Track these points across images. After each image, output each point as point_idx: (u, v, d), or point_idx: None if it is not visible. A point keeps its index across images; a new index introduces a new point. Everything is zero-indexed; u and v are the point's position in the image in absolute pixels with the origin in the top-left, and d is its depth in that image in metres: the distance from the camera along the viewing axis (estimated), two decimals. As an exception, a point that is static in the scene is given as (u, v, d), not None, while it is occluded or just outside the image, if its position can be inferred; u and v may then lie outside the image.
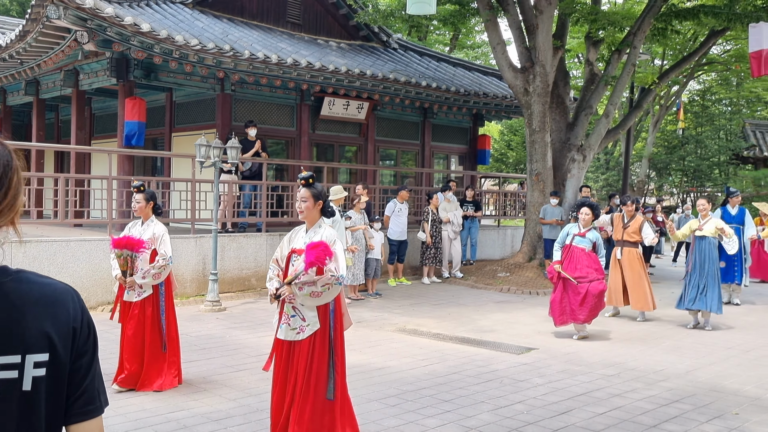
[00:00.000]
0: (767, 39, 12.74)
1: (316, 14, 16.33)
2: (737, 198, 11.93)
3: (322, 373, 4.16)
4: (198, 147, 9.91)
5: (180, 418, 5.16)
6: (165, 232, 6.02)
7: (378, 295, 11.51)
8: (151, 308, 5.98)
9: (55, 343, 1.47)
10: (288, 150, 14.54)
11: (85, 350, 1.54)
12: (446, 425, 5.14)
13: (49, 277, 1.55)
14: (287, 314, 4.23)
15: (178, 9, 13.35)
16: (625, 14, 15.26)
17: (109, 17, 10.04)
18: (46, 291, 1.50)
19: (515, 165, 34.60)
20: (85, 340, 1.54)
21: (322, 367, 4.16)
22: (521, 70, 14.04)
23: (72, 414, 1.52)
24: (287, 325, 4.24)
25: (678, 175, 31.21)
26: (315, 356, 4.15)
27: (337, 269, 4.08)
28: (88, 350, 1.54)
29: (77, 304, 1.55)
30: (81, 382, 1.52)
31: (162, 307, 6.03)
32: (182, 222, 12.03)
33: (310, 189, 4.32)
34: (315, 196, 4.32)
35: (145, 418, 5.14)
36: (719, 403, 5.87)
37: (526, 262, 14.22)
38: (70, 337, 1.50)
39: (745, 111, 34.43)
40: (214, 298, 9.92)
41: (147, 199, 6.06)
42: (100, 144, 15.76)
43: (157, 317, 5.99)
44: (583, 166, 15.06)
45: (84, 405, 1.53)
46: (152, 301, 5.99)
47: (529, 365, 7.05)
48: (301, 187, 4.34)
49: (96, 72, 12.65)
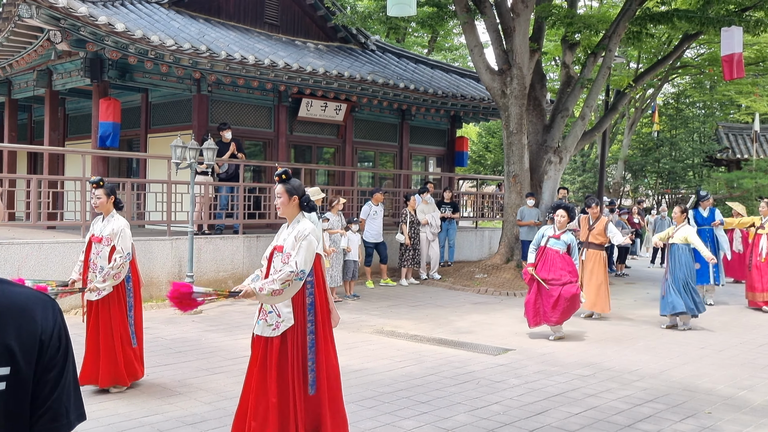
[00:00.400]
0: (738, 43, 12.96)
1: (294, 15, 16.28)
2: (708, 201, 12.14)
3: (297, 369, 4.13)
4: (174, 148, 9.82)
5: (154, 422, 5.10)
6: (125, 227, 5.90)
7: (355, 297, 11.49)
8: (116, 305, 5.89)
9: (17, 357, 1.38)
10: (265, 151, 14.47)
11: (53, 364, 1.44)
12: (423, 427, 5.14)
13: (23, 286, 1.46)
14: (265, 310, 4.21)
15: (154, 9, 13.22)
16: (601, 18, 15.40)
17: (82, 17, 9.91)
18: (15, 300, 1.41)
19: (493, 167, 34.80)
20: (54, 353, 1.45)
21: (296, 363, 4.13)
22: (499, 73, 14.12)
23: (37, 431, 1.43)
24: (264, 321, 4.22)
25: (653, 177, 31.59)
26: (289, 352, 4.12)
27: (298, 264, 4.04)
28: (56, 364, 1.45)
29: (49, 314, 1.45)
30: (47, 398, 1.43)
31: (130, 303, 5.97)
32: (158, 224, 11.91)
33: (284, 185, 4.31)
34: (289, 192, 4.30)
35: (118, 423, 5.07)
36: (692, 402, 5.94)
37: (503, 263, 14.29)
38: (35, 350, 1.41)
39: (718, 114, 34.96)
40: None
41: (107, 194, 5.97)
42: (74, 145, 15.55)
43: (121, 314, 5.90)
44: (560, 167, 15.18)
45: (49, 422, 1.43)
46: (116, 297, 5.90)
47: (506, 366, 7.07)
48: (277, 184, 4.35)
49: (70, 72, 12.49)
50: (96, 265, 5.90)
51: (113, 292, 5.89)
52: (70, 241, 9.84)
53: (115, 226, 5.92)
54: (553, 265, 8.29)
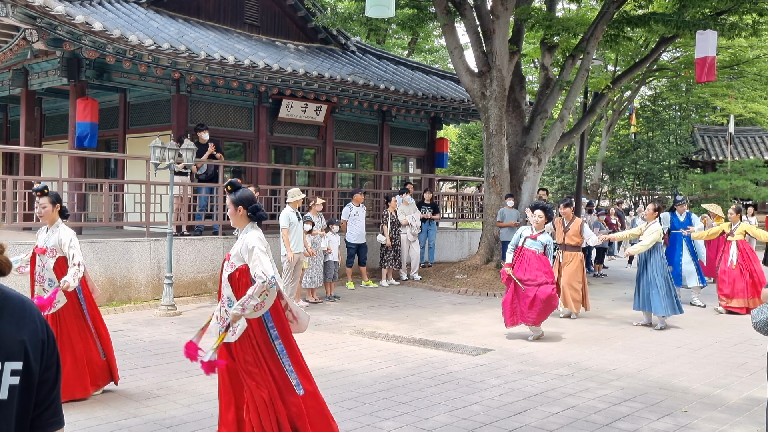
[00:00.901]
0: (712, 46, 13.15)
1: (274, 16, 16.23)
2: (683, 206, 12.31)
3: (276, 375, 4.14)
4: (152, 149, 9.74)
5: (132, 426, 5.06)
6: (72, 237, 5.58)
7: (336, 298, 11.48)
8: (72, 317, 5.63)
9: (29, 353, 1.48)
10: (246, 152, 14.41)
11: (51, 363, 1.55)
12: (403, 427, 5.15)
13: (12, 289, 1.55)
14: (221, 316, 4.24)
15: (132, 8, 13.10)
16: (579, 20, 15.55)
17: (59, 15, 9.80)
18: (17, 301, 1.51)
19: (473, 168, 34.95)
20: (51, 353, 1.55)
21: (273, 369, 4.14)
22: (478, 74, 14.19)
23: (38, 426, 1.52)
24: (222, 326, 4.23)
25: (630, 179, 31.94)
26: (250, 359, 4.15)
27: (265, 272, 4.05)
28: (53, 364, 1.56)
29: (41, 317, 1.56)
30: (48, 393, 1.53)
31: (86, 315, 5.72)
32: (136, 225, 11.80)
33: (230, 195, 4.38)
34: (234, 203, 4.36)
35: (95, 426, 5.02)
36: (669, 401, 6.02)
37: (483, 264, 14.36)
38: (39, 349, 1.51)
39: (694, 116, 35.46)
40: (169, 302, 9.76)
41: (52, 202, 5.62)
42: (50, 145, 15.36)
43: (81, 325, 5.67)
44: (539, 169, 15.29)
45: (50, 417, 1.54)
46: (70, 310, 5.61)
47: (486, 366, 7.11)
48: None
49: (46, 71, 12.34)
50: (43, 278, 5.57)
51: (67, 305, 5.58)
52: (47, 242, 9.70)
53: (62, 237, 5.57)
54: (530, 266, 8.34)
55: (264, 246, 4.22)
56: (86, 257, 10.00)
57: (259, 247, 4.16)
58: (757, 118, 27.14)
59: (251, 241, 4.19)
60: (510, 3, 13.69)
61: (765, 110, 26.32)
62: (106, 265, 10.27)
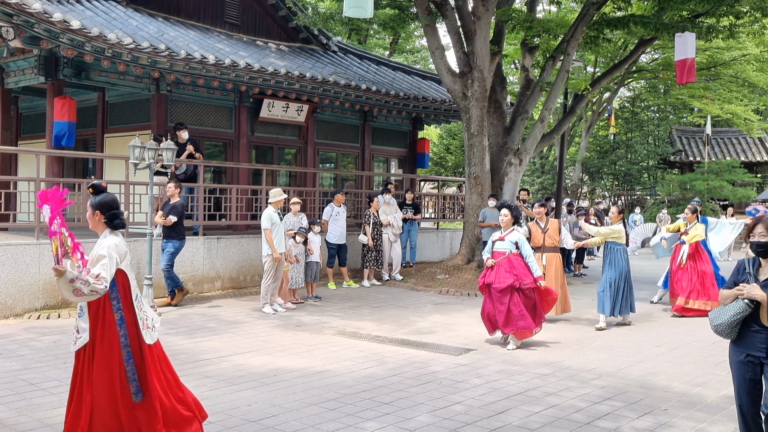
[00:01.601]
0: (691, 48, 13.30)
1: (255, 15, 16.15)
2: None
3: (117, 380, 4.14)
4: (132, 148, 9.64)
5: (112, 428, 4.99)
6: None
7: (317, 299, 11.45)
8: None
9: None
10: (226, 152, 14.31)
11: None
12: (386, 428, 5.15)
13: None
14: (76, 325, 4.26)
15: (111, 6, 12.96)
16: (559, 22, 15.65)
17: (36, 13, 9.66)
18: None
19: (454, 168, 35.07)
20: None
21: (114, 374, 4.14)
22: (460, 75, 14.23)
23: None
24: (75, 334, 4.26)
25: (609, 179, 32.24)
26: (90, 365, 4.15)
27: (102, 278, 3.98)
28: None
29: None
30: None
31: None
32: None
33: (90, 198, 4.33)
34: (92, 207, 4.31)
35: (74, 429, 4.95)
36: (649, 399, 6.08)
37: (464, 264, 14.40)
38: None
39: (671, 117, 35.89)
40: (149, 303, 9.67)
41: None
42: (27, 145, 15.15)
43: None
44: (520, 169, 15.37)
45: None
46: None
47: (468, 366, 7.13)
48: None
49: (23, 70, 12.16)
50: None
51: None
52: (23, 243, 9.58)
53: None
54: (499, 269, 8.01)
55: (118, 253, 4.15)
56: (64, 258, 9.88)
57: (110, 255, 4.09)
58: (734, 120, 27.51)
59: (101, 250, 4.12)
60: (491, 4, 13.75)
61: (741, 111, 26.68)
62: (85, 266, 10.13)
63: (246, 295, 11.72)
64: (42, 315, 9.33)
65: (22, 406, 5.48)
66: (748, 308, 4.12)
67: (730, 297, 4.20)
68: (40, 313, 9.37)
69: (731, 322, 4.17)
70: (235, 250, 12.24)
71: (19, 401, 5.60)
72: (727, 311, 4.18)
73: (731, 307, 4.18)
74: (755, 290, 4.08)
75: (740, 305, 4.13)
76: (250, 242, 12.45)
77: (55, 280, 3.95)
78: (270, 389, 6.11)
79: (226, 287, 12.10)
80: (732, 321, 4.17)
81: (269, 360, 7.21)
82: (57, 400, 5.65)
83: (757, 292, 4.07)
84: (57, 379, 6.30)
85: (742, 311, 4.12)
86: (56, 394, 5.81)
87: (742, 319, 4.15)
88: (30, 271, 9.52)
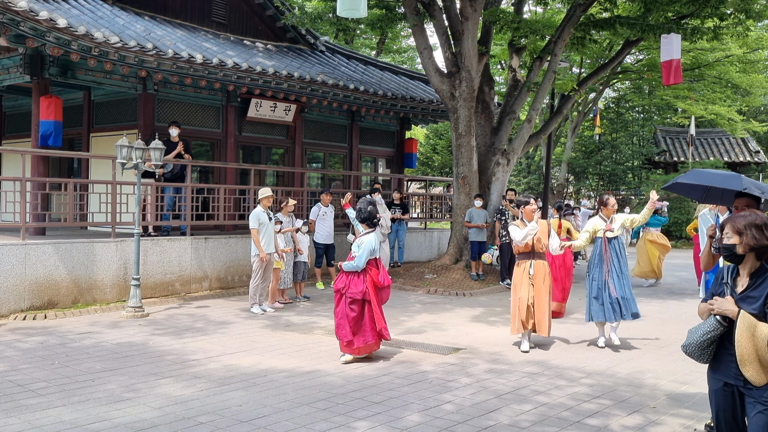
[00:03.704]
0: (677, 49, 13.41)
1: (242, 14, 16.09)
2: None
3: None
4: (119, 148, 9.58)
5: (101, 429, 4.96)
6: None
7: (306, 299, 11.43)
8: None
9: None
10: (214, 152, 14.25)
11: None
12: (377, 427, 5.16)
13: None
14: None
15: (97, 5, 12.87)
16: (546, 23, 15.73)
17: (22, 11, 9.57)
18: None
19: (440, 168, 35.11)
20: None
21: None
22: (448, 75, 14.27)
23: None
24: None
25: (595, 179, 32.41)
26: None
27: None
28: None
29: None
30: None
31: None
32: (101, 225, 11.59)
33: None
34: None
35: (63, 431, 4.92)
36: (637, 397, 6.13)
37: (452, 263, 14.43)
38: None
39: (656, 118, 36.14)
40: (137, 303, 9.61)
41: None
42: (11, 144, 15.00)
43: None
44: (507, 169, 15.43)
45: None
46: None
47: (457, 365, 7.15)
48: None
49: (8, 68, 12.03)
50: None
51: None
52: (8, 243, 9.48)
53: None
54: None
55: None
56: (50, 258, 9.81)
57: None
58: (718, 120, 27.78)
59: None
60: (479, 5, 13.79)
61: (725, 112, 26.94)
62: (71, 266, 10.07)
63: (234, 296, 11.69)
64: (28, 316, 9.24)
65: (10, 407, 5.44)
66: (720, 326, 3.48)
67: (705, 312, 3.61)
68: (26, 314, 9.29)
69: (701, 342, 3.55)
70: (222, 250, 12.20)
71: (6, 402, 5.55)
72: (699, 329, 3.58)
73: (703, 324, 3.57)
74: (726, 305, 3.45)
75: (711, 323, 3.52)
76: (237, 242, 12.41)
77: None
78: (260, 389, 6.10)
79: (214, 287, 12.05)
80: (701, 341, 3.54)
81: (259, 360, 7.19)
82: (45, 401, 5.60)
83: (728, 306, 3.44)
84: (45, 380, 6.25)
85: (713, 329, 3.50)
86: (44, 395, 5.77)
87: (714, 339, 3.52)
88: (15, 271, 9.43)
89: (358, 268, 7.20)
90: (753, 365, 3.35)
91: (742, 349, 3.35)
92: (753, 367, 3.35)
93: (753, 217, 3.49)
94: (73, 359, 7.06)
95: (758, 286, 3.43)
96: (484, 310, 10.87)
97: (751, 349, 3.33)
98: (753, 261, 3.49)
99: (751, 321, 3.35)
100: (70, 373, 6.52)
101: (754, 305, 3.39)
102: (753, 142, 30.75)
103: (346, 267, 7.25)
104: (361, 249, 7.23)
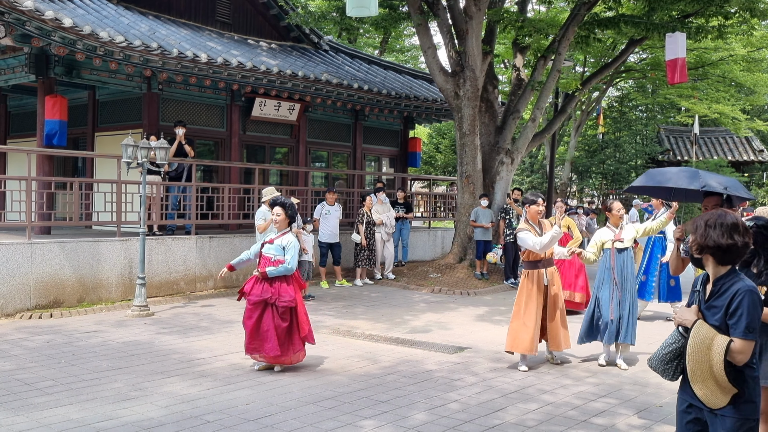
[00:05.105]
0: (682, 48, 13.40)
1: (247, 14, 16.11)
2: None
3: None
4: (125, 147, 9.60)
5: (109, 428, 4.98)
6: None
7: (311, 298, 11.44)
8: None
9: None
10: (218, 151, 14.27)
11: None
12: (384, 426, 5.17)
13: None
14: None
15: (102, 4, 12.89)
16: (550, 22, 15.72)
17: (28, 11, 9.59)
18: None
19: (443, 167, 35.11)
20: None
21: None
22: (452, 74, 14.26)
23: None
24: None
25: (598, 178, 32.38)
26: None
27: None
28: None
29: None
30: None
31: None
32: (107, 225, 11.62)
33: None
34: None
35: (71, 429, 4.94)
36: (643, 396, 6.13)
37: (456, 262, 14.44)
38: None
39: (659, 117, 36.08)
40: (142, 302, 9.63)
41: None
42: (16, 144, 15.03)
43: None
44: (512, 168, 15.43)
45: None
46: None
47: (462, 364, 7.16)
48: None
49: (13, 68, 12.06)
50: None
51: None
52: (14, 242, 9.51)
53: None
54: None
55: None
56: (55, 257, 9.84)
57: None
58: (721, 119, 27.71)
59: None
60: (483, 4, 13.79)
61: (729, 111, 26.87)
62: (76, 265, 10.09)
63: (238, 295, 11.70)
64: (34, 315, 9.27)
65: (17, 406, 5.46)
66: (681, 338, 3.15)
67: None
68: (32, 313, 9.32)
69: (662, 356, 3.19)
70: (227, 249, 12.21)
71: (14, 401, 5.57)
72: (663, 342, 3.24)
73: (668, 337, 3.24)
74: (686, 314, 3.14)
75: (674, 335, 3.19)
76: (242, 241, 12.42)
77: None
78: (267, 388, 6.11)
79: (219, 286, 12.07)
80: (663, 354, 3.19)
81: (265, 359, 7.19)
82: (53, 400, 5.63)
83: (687, 316, 3.12)
84: (52, 378, 6.27)
85: (674, 341, 3.17)
86: (52, 394, 5.79)
87: (676, 352, 3.15)
88: (21, 270, 9.46)
89: (290, 271, 6.61)
90: (707, 383, 3.00)
91: (693, 364, 3.01)
92: (707, 386, 3.00)
93: (708, 216, 3.10)
94: (80, 358, 7.08)
95: (721, 294, 3.03)
96: (489, 309, 10.87)
97: (705, 365, 2.98)
98: (714, 265, 3.08)
99: (708, 332, 2.99)
100: (76, 371, 6.54)
101: (716, 316, 3.03)
102: (757, 141, 30.68)
103: (275, 272, 6.55)
104: (288, 250, 6.62)
